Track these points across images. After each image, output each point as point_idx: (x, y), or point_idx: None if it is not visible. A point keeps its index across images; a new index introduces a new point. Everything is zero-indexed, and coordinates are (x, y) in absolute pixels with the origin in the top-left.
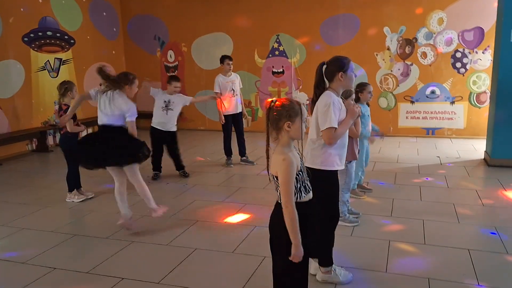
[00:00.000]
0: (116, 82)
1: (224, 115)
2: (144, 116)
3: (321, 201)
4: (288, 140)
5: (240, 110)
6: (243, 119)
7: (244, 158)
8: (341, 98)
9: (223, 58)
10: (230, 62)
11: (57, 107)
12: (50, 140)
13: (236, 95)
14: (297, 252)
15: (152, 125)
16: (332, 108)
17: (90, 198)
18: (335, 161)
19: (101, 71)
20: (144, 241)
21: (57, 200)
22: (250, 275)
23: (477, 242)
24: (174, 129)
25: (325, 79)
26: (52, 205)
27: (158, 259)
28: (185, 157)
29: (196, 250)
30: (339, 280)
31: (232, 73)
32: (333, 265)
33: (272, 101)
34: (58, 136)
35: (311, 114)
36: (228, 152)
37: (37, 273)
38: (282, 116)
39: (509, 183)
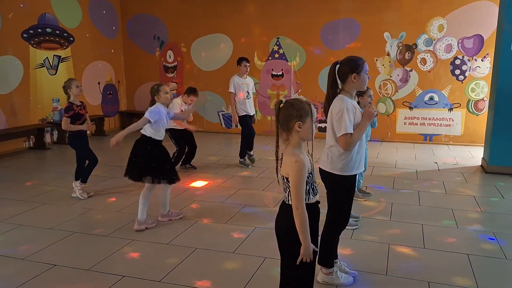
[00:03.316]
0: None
1: (243, 115)
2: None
3: (336, 204)
4: (299, 141)
5: (254, 113)
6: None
7: (242, 160)
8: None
9: (241, 60)
10: (248, 64)
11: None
12: (47, 138)
13: (250, 97)
14: (306, 252)
15: (171, 127)
16: (346, 113)
17: (89, 196)
18: (355, 165)
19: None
20: (145, 239)
21: (55, 198)
22: (251, 275)
23: (476, 247)
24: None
25: (337, 79)
26: (50, 202)
27: (159, 258)
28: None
29: (197, 249)
30: (340, 282)
31: (247, 76)
32: (335, 267)
33: (281, 101)
34: (55, 133)
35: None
36: (249, 148)
37: (37, 270)
38: (293, 117)
39: (506, 190)
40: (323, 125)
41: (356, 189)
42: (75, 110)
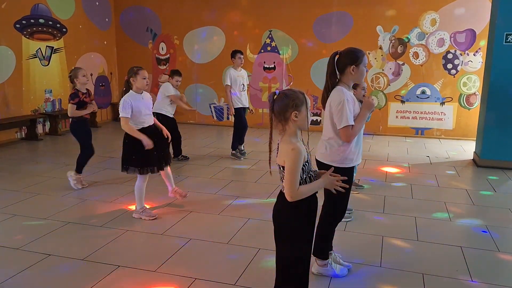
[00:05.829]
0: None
1: (238, 107)
2: None
3: (333, 196)
4: (295, 130)
5: (248, 105)
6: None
7: (233, 152)
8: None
9: (235, 53)
10: (242, 57)
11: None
12: (39, 129)
13: (245, 90)
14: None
15: (161, 112)
16: (346, 105)
17: (84, 187)
18: (353, 157)
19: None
20: (139, 230)
21: (48, 188)
22: (246, 265)
23: (469, 240)
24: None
25: (336, 70)
26: (44, 192)
27: (154, 248)
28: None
29: (191, 240)
30: (334, 274)
31: (241, 68)
32: (330, 259)
33: (275, 93)
34: (48, 124)
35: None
36: (240, 142)
37: (32, 260)
38: (288, 107)
39: (499, 183)
40: (315, 118)
41: None
42: (80, 98)
